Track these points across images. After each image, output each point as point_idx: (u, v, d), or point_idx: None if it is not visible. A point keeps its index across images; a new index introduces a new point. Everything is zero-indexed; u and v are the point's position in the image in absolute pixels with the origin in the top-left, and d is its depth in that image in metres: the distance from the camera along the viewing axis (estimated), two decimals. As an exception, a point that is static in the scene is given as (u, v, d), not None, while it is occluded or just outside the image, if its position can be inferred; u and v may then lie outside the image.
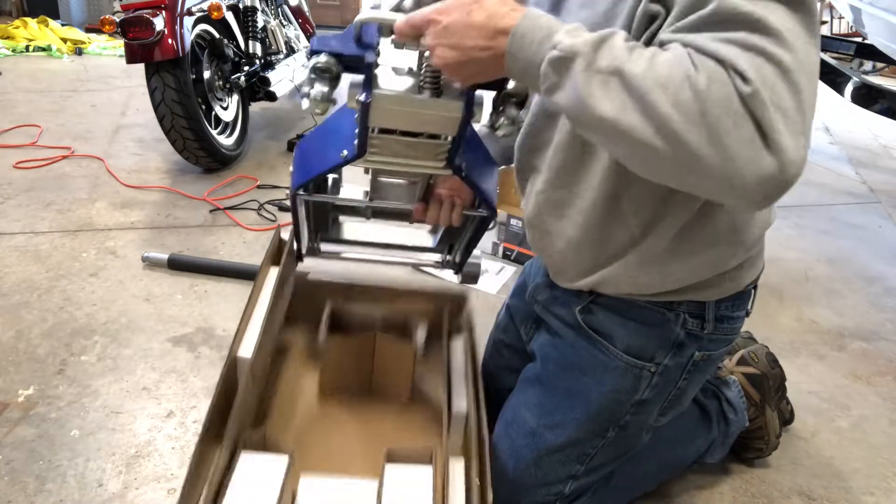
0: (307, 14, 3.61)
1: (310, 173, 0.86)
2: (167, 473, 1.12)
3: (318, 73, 0.72)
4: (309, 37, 3.58)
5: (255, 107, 3.32)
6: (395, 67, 0.74)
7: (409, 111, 0.73)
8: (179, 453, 1.16)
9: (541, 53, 0.62)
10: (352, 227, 1.18)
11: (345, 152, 0.80)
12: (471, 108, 0.73)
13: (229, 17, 2.59)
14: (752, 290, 0.94)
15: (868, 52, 3.49)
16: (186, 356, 1.43)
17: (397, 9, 0.73)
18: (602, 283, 0.88)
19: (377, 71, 0.71)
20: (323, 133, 0.90)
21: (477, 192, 0.87)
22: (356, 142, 0.77)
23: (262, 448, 0.96)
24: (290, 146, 2.80)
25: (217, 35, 2.48)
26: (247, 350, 1.03)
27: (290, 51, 3.15)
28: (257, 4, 2.75)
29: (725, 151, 0.53)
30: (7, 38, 4.49)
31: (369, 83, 0.70)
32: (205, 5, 2.34)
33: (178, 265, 1.77)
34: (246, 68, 2.64)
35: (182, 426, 1.23)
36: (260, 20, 2.77)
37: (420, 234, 1.20)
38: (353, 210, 1.14)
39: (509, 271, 1.92)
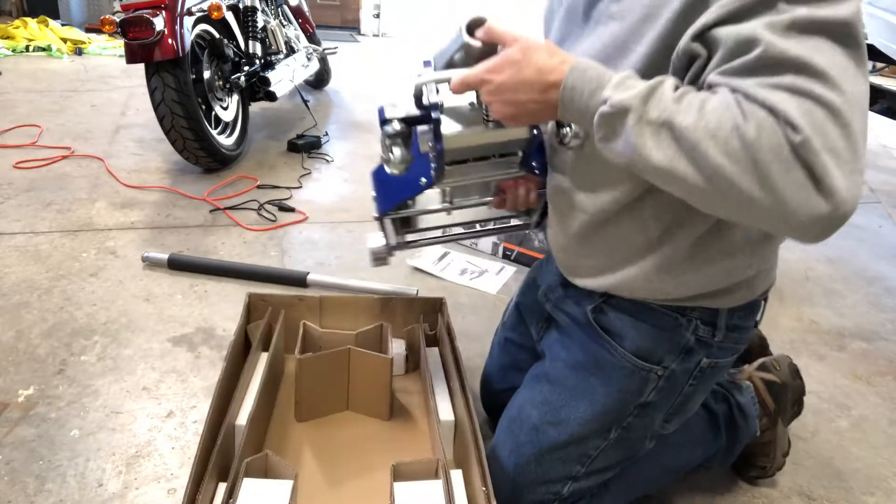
0: (307, 14, 3.61)
1: (393, 200, 0.95)
2: (167, 473, 1.12)
3: (393, 139, 0.80)
4: (309, 37, 3.58)
5: (255, 107, 3.32)
6: (453, 107, 0.78)
7: (479, 144, 0.82)
8: (179, 453, 1.16)
9: (592, 106, 0.65)
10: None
11: (423, 180, 0.86)
12: (538, 127, 0.79)
13: (229, 17, 2.59)
14: (763, 301, 0.93)
15: (868, 52, 3.48)
16: (186, 356, 1.43)
17: (450, 63, 0.79)
18: (617, 287, 0.88)
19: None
20: None
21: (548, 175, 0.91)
22: (433, 172, 0.84)
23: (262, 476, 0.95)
24: (290, 146, 2.80)
25: (217, 35, 2.48)
26: (242, 418, 1.04)
27: (290, 51, 3.15)
28: (257, 4, 2.75)
29: (778, 195, 0.55)
30: (7, 38, 4.48)
31: (439, 135, 0.78)
32: (205, 5, 2.34)
33: (178, 265, 1.77)
34: (246, 68, 2.64)
35: (182, 426, 1.23)
36: (260, 20, 2.77)
37: None
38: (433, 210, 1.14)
39: (509, 271, 1.92)
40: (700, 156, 0.57)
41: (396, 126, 0.79)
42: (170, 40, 2.10)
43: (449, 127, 0.79)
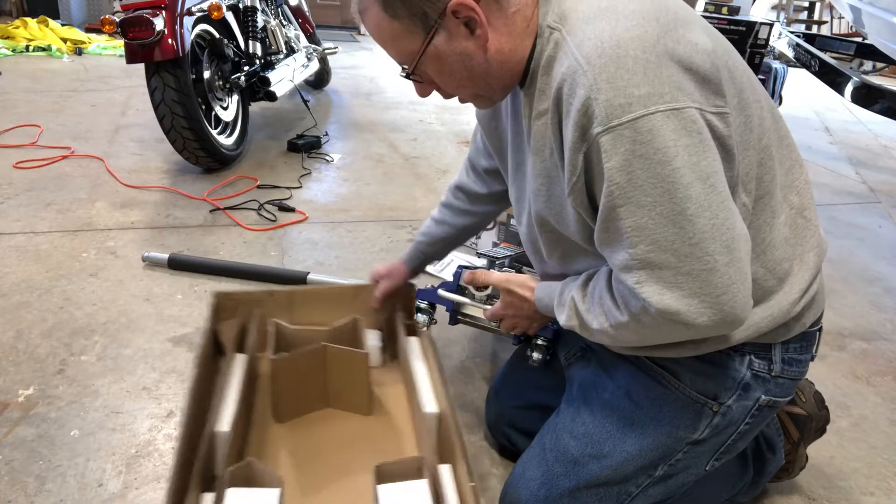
0: (307, 14, 3.61)
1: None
2: (167, 473, 1.12)
3: (422, 311, 1.22)
4: (309, 37, 3.58)
5: (255, 107, 3.32)
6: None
7: (478, 325, 1.18)
8: (179, 453, 1.16)
9: (554, 314, 0.91)
10: None
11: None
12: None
13: (229, 17, 2.59)
14: (817, 332, 0.91)
15: (868, 52, 3.49)
16: (186, 356, 1.43)
17: (468, 282, 1.13)
18: (659, 358, 0.89)
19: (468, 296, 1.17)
20: None
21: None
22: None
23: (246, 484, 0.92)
24: (290, 146, 2.80)
25: (217, 35, 2.48)
26: (223, 424, 1.01)
27: (290, 51, 3.15)
28: (257, 4, 2.75)
29: (670, 336, 0.76)
30: (7, 38, 4.49)
31: (456, 317, 1.19)
32: (205, 5, 2.34)
33: (178, 265, 1.77)
34: (246, 68, 2.64)
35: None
36: (260, 20, 2.77)
37: None
38: None
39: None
40: (605, 336, 0.82)
41: (424, 304, 1.21)
42: (170, 40, 2.10)
43: (469, 309, 1.17)
